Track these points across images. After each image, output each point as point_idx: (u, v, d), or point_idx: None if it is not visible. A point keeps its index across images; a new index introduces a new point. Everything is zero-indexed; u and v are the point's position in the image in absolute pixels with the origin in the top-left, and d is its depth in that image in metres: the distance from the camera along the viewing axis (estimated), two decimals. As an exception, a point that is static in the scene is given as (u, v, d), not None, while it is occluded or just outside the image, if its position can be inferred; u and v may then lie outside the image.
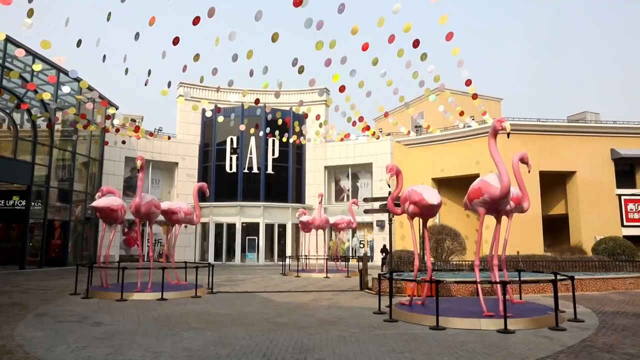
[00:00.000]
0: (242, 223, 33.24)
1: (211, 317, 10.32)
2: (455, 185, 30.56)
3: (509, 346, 7.50)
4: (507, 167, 9.31)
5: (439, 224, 24.77)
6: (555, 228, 30.75)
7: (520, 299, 12.29)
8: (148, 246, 25.38)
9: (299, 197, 35.80)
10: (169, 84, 16.87)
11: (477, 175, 22.07)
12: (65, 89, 24.14)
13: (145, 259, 24.56)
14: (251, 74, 16.20)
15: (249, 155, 34.16)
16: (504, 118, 9.76)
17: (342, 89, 16.75)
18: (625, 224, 29.29)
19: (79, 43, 13.70)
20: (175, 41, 13.55)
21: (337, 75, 15.89)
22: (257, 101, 19.75)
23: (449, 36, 14.31)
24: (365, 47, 14.52)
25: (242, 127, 23.09)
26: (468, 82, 16.74)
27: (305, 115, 21.95)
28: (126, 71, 15.39)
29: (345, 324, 9.47)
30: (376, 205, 16.89)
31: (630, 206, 29.64)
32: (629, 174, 30.69)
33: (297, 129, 22.93)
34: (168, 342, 7.74)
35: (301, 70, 14.96)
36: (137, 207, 13.78)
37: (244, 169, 34.02)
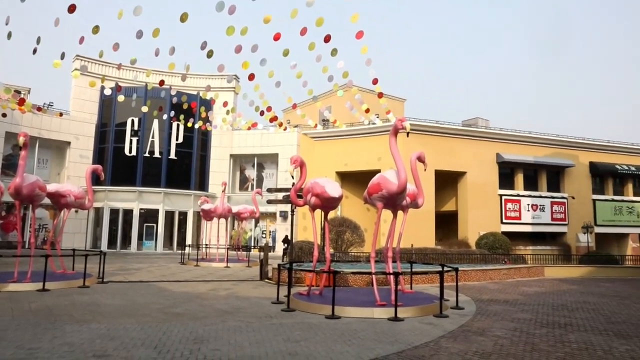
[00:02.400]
0: (140, 209, 31.58)
1: (100, 308, 9.70)
2: (357, 180, 31.68)
3: (397, 333, 7.98)
4: (405, 165, 9.84)
5: (341, 216, 25.56)
6: (446, 223, 33.21)
7: (411, 289, 13.09)
8: (30, 232, 23.15)
9: (202, 185, 34.83)
10: (63, 56, 15.42)
11: (379, 171, 22.92)
12: None
13: (26, 246, 22.38)
14: (157, 53, 15.37)
15: (150, 139, 32.47)
16: (405, 118, 10.29)
17: (251, 77, 16.53)
18: (504, 221, 32.48)
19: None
20: (72, 9, 12.42)
21: (247, 63, 15.65)
22: (161, 82, 18.82)
23: (359, 35, 14.73)
24: (276, 37, 14.45)
25: (145, 109, 21.82)
26: (375, 81, 17.38)
27: (213, 101, 21.40)
28: (9, 35, 13.77)
29: (243, 314, 9.43)
30: (280, 195, 16.97)
31: (509, 205, 32.92)
32: (509, 176, 34.04)
33: (203, 115, 22.23)
34: (47, 336, 7.13)
35: (210, 54, 14.52)
36: (18, 189, 12.48)
37: (145, 152, 32.29)
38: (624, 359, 6.60)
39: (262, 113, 20.00)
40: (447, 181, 32.31)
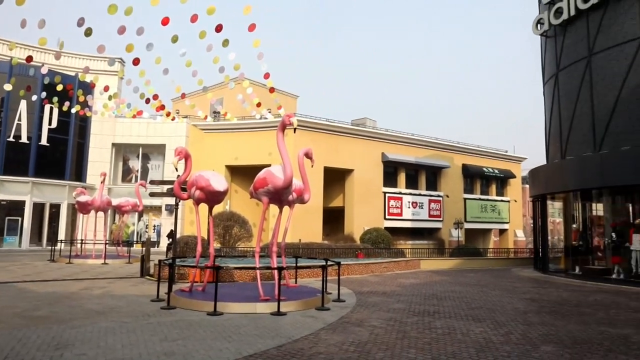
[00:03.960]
0: (2, 201, 28.09)
1: (-60, 313, 8.44)
2: (248, 174, 31.32)
3: (279, 327, 8.04)
4: (293, 161, 9.93)
5: (229, 210, 25.14)
6: (334, 219, 34.28)
7: (296, 283, 13.30)
8: None
9: (80, 175, 32.01)
10: None
11: (269, 166, 23.07)
12: None
13: None
14: (23, 25, 13.69)
15: (16, 122, 29.00)
16: (293, 114, 10.37)
17: (136, 61, 15.48)
18: (387, 217, 34.42)
19: None
20: None
21: (131, 46, 14.61)
22: (29, 58, 16.81)
23: (252, 27, 14.52)
24: (165, 22, 13.68)
25: (8, 87, 19.38)
26: (266, 75, 17.27)
27: (92, 85, 19.61)
28: None
29: (117, 314, 8.83)
30: (164, 188, 16.17)
31: (392, 202, 34.96)
32: (393, 175, 36.14)
33: (81, 99, 20.33)
34: None
35: (88, 32, 13.29)
36: None
37: (9, 136, 28.78)
38: (477, 339, 7.35)
39: (147, 101, 18.83)
40: (335, 178, 33.34)
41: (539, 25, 20.48)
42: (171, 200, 29.10)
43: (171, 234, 24.39)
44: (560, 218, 22.19)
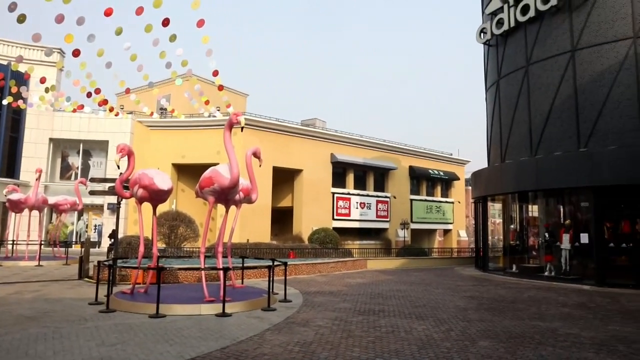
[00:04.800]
0: None
1: None
2: (195, 173, 30.52)
3: (223, 329, 7.91)
4: (241, 160, 9.81)
5: (175, 210, 24.53)
6: (283, 219, 34.19)
7: (243, 283, 13.14)
8: None
9: (12, 171, 30.09)
10: None
11: (217, 165, 22.70)
12: None
13: None
14: (-52, 10, 12.74)
15: (-61, 113, 26.91)
16: (241, 113, 10.28)
17: (76, 52, 14.72)
18: (335, 217, 34.72)
19: None
20: None
21: (70, 36, 13.90)
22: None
23: (200, 23, 14.20)
24: (108, 13, 13.12)
25: None
26: (215, 73, 16.95)
27: (27, 76, 18.50)
28: None
29: (51, 319, 8.37)
30: (106, 186, 15.51)
31: (341, 203, 35.31)
32: (342, 175, 36.51)
33: (14, 90, 19.12)
34: None
35: (22, 19, 12.51)
36: None
37: None
38: (419, 336, 7.55)
39: (89, 95, 17.98)
40: (284, 178, 33.27)
41: (482, 34, 21.35)
42: (114, 199, 28.03)
43: (113, 234, 23.47)
44: (500, 219, 23.22)
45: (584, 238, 15.89)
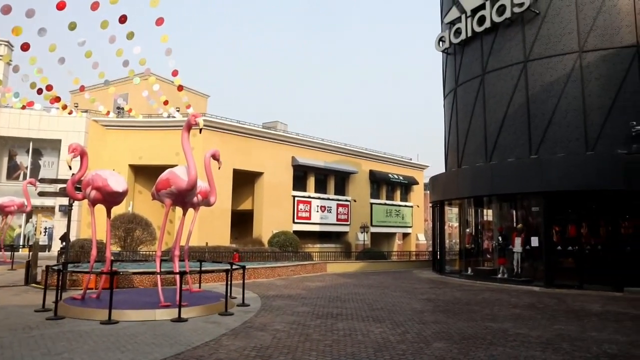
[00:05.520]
0: None
1: None
2: (153, 174, 29.69)
3: (178, 334, 7.74)
4: (200, 162, 9.65)
5: (132, 212, 23.87)
6: (243, 222, 33.82)
7: (200, 288, 12.91)
8: None
9: (-46, 171, 28.45)
10: None
11: (176, 166, 22.25)
12: None
13: None
14: None
15: None
16: (201, 114, 10.13)
17: (25, 46, 14.05)
18: (295, 220, 34.67)
19: None
20: None
21: (19, 29, 13.29)
22: None
23: (159, 22, 13.90)
24: (60, 6, 12.62)
25: None
26: (174, 73, 16.62)
27: (-28, 70, 17.56)
28: None
29: (-7, 327, 7.95)
30: (57, 187, 14.87)
31: (301, 206, 35.29)
32: (303, 179, 36.51)
33: (-43, 85, 18.11)
34: None
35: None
36: None
37: None
38: (376, 339, 7.64)
39: (39, 91, 17.19)
40: (245, 180, 32.95)
41: (440, 42, 21.91)
42: (66, 201, 26.92)
43: (64, 237, 22.53)
44: (457, 223, 23.83)
45: (535, 241, 16.54)
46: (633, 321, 9.68)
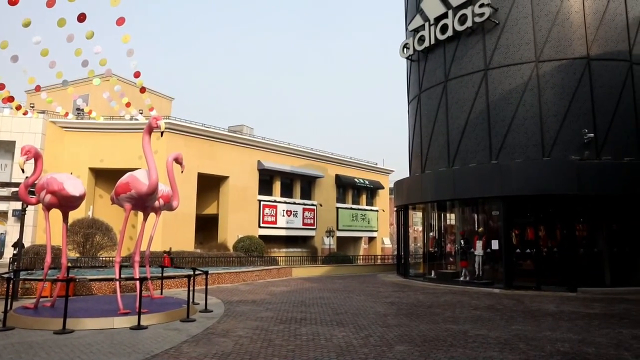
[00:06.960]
0: None
1: None
2: (114, 178, 28.53)
3: (137, 342, 7.53)
4: (163, 166, 9.45)
5: (91, 217, 23.16)
6: (208, 226, 33.32)
7: (161, 294, 12.61)
8: None
9: None
10: None
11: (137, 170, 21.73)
12: None
13: None
14: None
15: None
16: (162, 117, 9.93)
17: (-24, 45, 13.51)
18: (261, 225, 34.42)
19: None
20: None
21: (-30, 27, 12.70)
22: None
23: (120, 21, 13.59)
24: (13, 2, 12.15)
25: None
26: (137, 74, 16.28)
27: None
28: None
29: (-64, 338, 7.52)
30: (10, 191, 14.27)
31: (267, 210, 35.08)
32: (268, 183, 36.33)
33: None
34: None
35: None
36: None
37: None
38: (339, 343, 7.65)
39: (-10, 91, 16.53)
40: (210, 184, 32.49)
41: (405, 49, 22.29)
42: (19, 205, 25.81)
43: (17, 243, 21.60)
44: (421, 227, 24.22)
45: (495, 244, 17.00)
46: (584, 320, 10.07)
